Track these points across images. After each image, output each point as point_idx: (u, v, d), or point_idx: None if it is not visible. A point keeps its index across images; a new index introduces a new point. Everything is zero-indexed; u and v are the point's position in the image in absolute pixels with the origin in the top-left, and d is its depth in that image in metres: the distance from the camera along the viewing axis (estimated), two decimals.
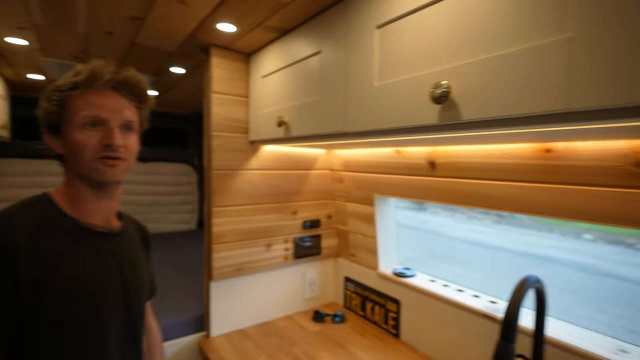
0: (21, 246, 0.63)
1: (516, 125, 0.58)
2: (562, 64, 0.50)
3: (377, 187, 1.46)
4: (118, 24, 1.21)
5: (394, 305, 1.44)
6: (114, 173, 0.72)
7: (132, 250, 0.85)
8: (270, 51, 1.29)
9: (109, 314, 0.74)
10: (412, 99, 0.72)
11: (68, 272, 0.68)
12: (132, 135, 0.76)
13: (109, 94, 0.73)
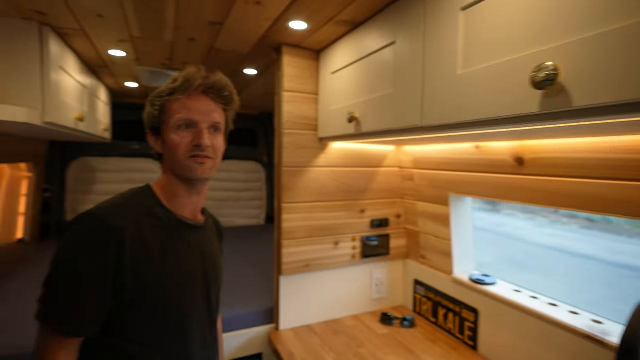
0: (127, 231, 0.69)
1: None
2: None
3: (453, 186, 1.36)
4: (199, 30, 1.29)
5: (472, 314, 1.32)
6: (203, 170, 0.77)
7: (212, 242, 0.91)
8: (341, 46, 1.27)
9: (193, 301, 0.80)
10: (505, 86, 0.63)
11: (163, 258, 0.74)
12: (219, 136, 0.82)
13: (200, 98, 0.78)
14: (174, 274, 0.75)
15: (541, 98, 0.57)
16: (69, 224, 0.69)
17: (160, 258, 0.73)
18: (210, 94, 0.80)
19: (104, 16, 1.19)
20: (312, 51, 1.43)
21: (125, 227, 0.69)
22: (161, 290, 0.73)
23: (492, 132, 0.82)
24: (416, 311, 1.61)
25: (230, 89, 0.84)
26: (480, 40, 0.71)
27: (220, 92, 0.81)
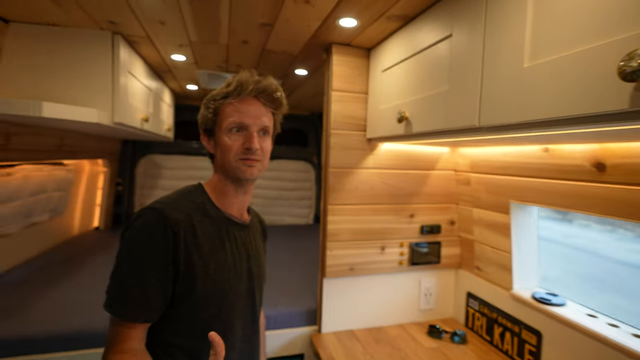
0: (182, 224, 0.73)
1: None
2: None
3: (515, 193, 1.23)
4: (252, 32, 1.32)
5: (533, 337, 1.18)
6: (251, 172, 0.80)
7: (257, 241, 0.92)
8: (392, 43, 1.22)
9: (237, 296, 0.82)
10: (585, 79, 0.54)
11: (211, 253, 0.77)
12: (268, 138, 0.84)
13: (251, 102, 0.81)
14: (221, 268, 0.78)
15: (632, 92, 0.48)
16: (132, 218, 0.73)
17: (209, 253, 0.76)
18: (261, 98, 0.82)
19: (165, 23, 1.26)
20: (363, 49, 1.39)
21: (180, 220, 0.73)
22: (208, 283, 0.75)
23: (565, 134, 0.71)
24: (468, 326, 1.49)
25: (280, 93, 0.85)
26: (553, 27, 0.61)
27: (270, 96, 0.83)
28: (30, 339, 1.22)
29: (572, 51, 0.57)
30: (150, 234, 0.70)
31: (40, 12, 1.17)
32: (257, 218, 1.00)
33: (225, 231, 0.81)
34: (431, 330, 1.43)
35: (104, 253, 2.18)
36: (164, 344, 0.75)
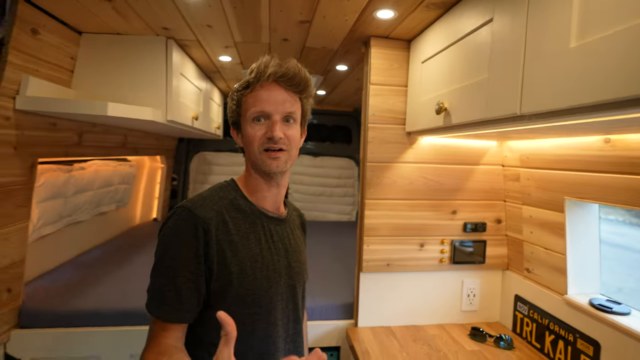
0: (213, 221, 0.71)
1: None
2: None
3: (570, 189, 1.12)
4: (291, 30, 1.36)
5: (590, 347, 1.08)
6: (277, 164, 0.75)
7: (295, 235, 0.88)
8: (432, 32, 1.18)
9: (277, 294, 0.77)
10: (629, 57, 0.49)
11: (246, 249, 0.74)
12: (294, 126, 0.78)
13: (272, 88, 0.76)
14: (257, 265, 0.75)
15: None
16: (166, 217, 0.73)
17: (244, 249, 0.74)
18: (282, 82, 0.76)
19: (212, 26, 1.35)
20: (403, 41, 1.36)
21: (211, 217, 0.71)
22: (245, 280, 0.72)
23: (627, 119, 0.64)
24: (516, 332, 1.40)
25: (303, 75, 0.78)
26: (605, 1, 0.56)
27: (292, 80, 0.76)
28: (99, 313, 1.38)
29: (626, 25, 0.51)
30: (181, 234, 0.69)
31: (107, 23, 1.31)
32: (295, 212, 0.96)
33: (261, 226, 0.78)
34: (474, 332, 1.36)
35: None
36: (207, 344, 0.72)
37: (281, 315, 0.79)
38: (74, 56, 1.38)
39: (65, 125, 1.41)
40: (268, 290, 0.76)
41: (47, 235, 1.68)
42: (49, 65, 1.25)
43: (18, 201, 1.22)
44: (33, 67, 1.17)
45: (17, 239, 1.24)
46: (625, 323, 0.98)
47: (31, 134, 1.22)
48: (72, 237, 1.94)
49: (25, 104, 1.13)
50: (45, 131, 1.30)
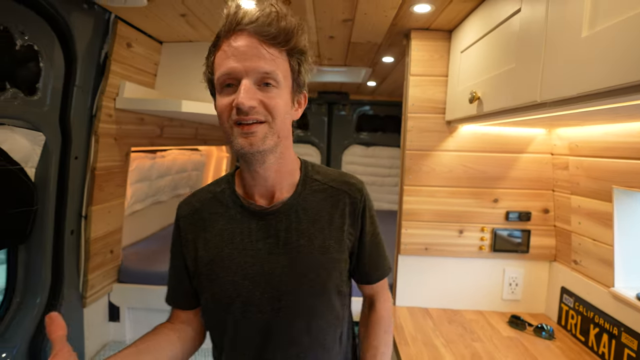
0: (187, 219, 0.70)
1: None
2: None
3: (620, 178, 1.08)
4: (336, 28, 1.47)
5: (634, 341, 1.04)
6: (250, 142, 0.58)
7: (302, 229, 0.68)
8: (469, 23, 1.20)
9: (248, 300, 0.65)
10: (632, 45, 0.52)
11: (217, 248, 0.67)
12: (275, 90, 0.59)
13: (241, 40, 0.57)
14: (224, 266, 0.65)
15: None
16: None
17: (215, 248, 0.66)
18: (255, 31, 0.57)
19: None
20: (444, 31, 1.39)
21: (186, 215, 0.70)
22: (214, 282, 0.65)
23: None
24: (561, 324, 1.37)
25: (288, 20, 0.59)
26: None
27: (268, 27, 0.56)
28: None
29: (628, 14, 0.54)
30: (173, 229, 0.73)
31: (181, 33, 1.56)
32: (335, 193, 0.71)
33: (239, 223, 0.67)
34: (513, 320, 1.37)
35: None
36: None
37: (257, 307, 0.64)
38: (156, 62, 1.66)
39: (150, 120, 1.71)
40: (244, 296, 0.64)
41: (137, 211, 2.05)
42: (138, 71, 1.54)
43: (117, 182, 1.53)
44: (128, 73, 1.45)
45: (117, 211, 1.57)
46: None
47: (126, 128, 1.52)
48: (155, 214, 2.32)
49: (123, 103, 1.41)
50: (135, 125, 1.60)
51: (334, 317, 0.70)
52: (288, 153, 0.68)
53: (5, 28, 0.98)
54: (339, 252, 0.69)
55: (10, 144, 1.09)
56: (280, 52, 0.60)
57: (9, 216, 1.12)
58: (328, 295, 0.67)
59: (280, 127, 0.61)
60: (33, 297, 1.26)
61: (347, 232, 0.70)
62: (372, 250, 0.75)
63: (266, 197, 0.68)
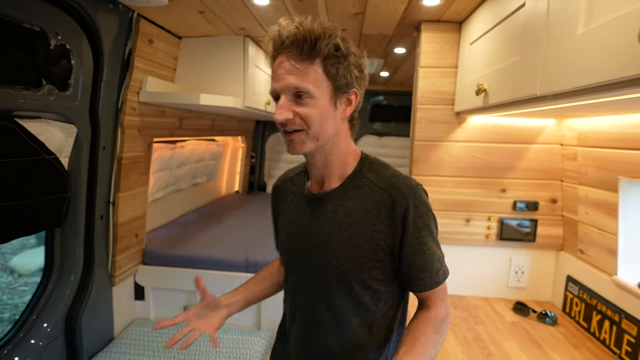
0: (276, 190, 0.90)
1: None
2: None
3: (627, 168, 1.10)
4: (347, 21, 1.50)
5: (634, 327, 1.07)
6: (292, 147, 0.70)
7: (336, 217, 0.75)
8: (479, 15, 1.22)
9: (301, 264, 0.80)
10: (614, 45, 0.55)
11: (287, 215, 0.84)
12: (308, 101, 0.66)
13: (278, 62, 0.67)
14: (285, 234, 0.84)
15: None
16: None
17: (285, 215, 0.84)
18: (286, 53, 0.66)
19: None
20: (454, 23, 1.40)
21: (276, 186, 0.91)
22: (282, 241, 0.86)
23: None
24: (565, 311, 1.40)
25: (304, 34, 0.64)
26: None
27: (295, 47, 0.64)
28: (195, 259, 1.78)
29: (612, 16, 0.57)
30: None
31: (199, 28, 1.63)
32: (381, 190, 0.73)
33: (297, 201, 0.82)
34: (517, 306, 1.41)
35: (241, 209, 2.80)
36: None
37: (303, 286, 0.79)
38: (176, 57, 1.74)
39: (170, 113, 1.80)
40: (289, 259, 0.84)
41: (159, 199, 2.16)
42: (159, 65, 1.62)
43: (141, 170, 1.63)
44: (150, 68, 1.54)
45: (141, 198, 1.68)
46: None
47: (148, 120, 1.62)
48: (175, 201, 2.44)
49: (145, 97, 1.50)
50: (157, 117, 1.69)
51: (358, 306, 0.75)
52: (338, 149, 0.74)
53: (41, 29, 1.07)
54: (367, 250, 0.72)
55: (46, 136, 1.19)
56: (312, 63, 0.65)
57: (46, 202, 1.23)
58: (349, 284, 0.73)
59: (319, 132, 0.69)
60: (68, 275, 1.39)
61: (379, 232, 0.71)
62: (413, 259, 0.72)
63: (318, 184, 0.79)
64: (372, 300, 0.75)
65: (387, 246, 0.72)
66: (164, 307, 1.79)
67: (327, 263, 0.74)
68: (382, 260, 0.72)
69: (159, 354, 1.49)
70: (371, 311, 0.75)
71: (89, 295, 1.43)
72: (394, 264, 0.74)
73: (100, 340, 1.53)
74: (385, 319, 0.78)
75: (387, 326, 0.78)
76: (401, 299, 0.80)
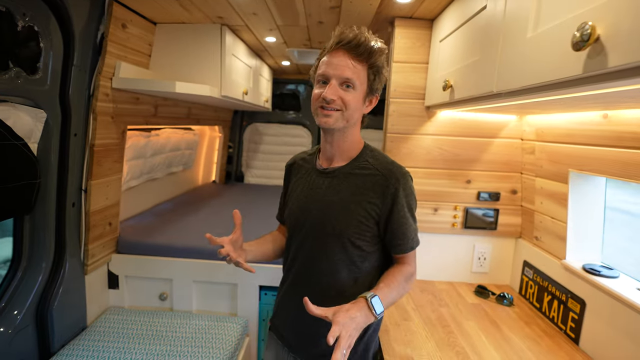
0: (291, 166, 1.08)
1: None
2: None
3: (575, 162, 1.20)
4: (324, 14, 1.53)
5: (577, 305, 1.19)
6: (326, 121, 0.87)
7: (340, 188, 0.93)
8: (449, 13, 1.28)
9: (301, 224, 0.98)
10: (554, 49, 0.62)
11: (298, 186, 1.02)
12: (351, 92, 0.86)
13: (337, 55, 0.85)
14: (295, 200, 1.01)
15: (585, 59, 0.55)
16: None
17: (296, 186, 1.03)
18: (346, 49, 0.84)
19: (257, 13, 1.57)
20: (426, 20, 1.46)
21: (291, 163, 1.10)
22: (291, 205, 1.03)
23: (622, 97, 0.74)
24: (521, 294, 1.52)
25: (368, 44, 0.84)
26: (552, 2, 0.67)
27: (356, 48, 0.83)
28: (171, 247, 1.78)
29: (549, 25, 0.64)
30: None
31: (175, 15, 1.61)
32: (378, 172, 0.92)
33: (308, 176, 1.01)
34: (478, 289, 1.51)
35: (218, 199, 2.80)
36: None
37: (306, 240, 0.97)
38: (150, 43, 1.71)
39: (145, 100, 1.77)
40: (297, 219, 0.99)
41: (133, 187, 2.13)
42: (133, 51, 1.59)
43: (115, 158, 1.61)
44: (123, 54, 1.51)
45: (114, 186, 1.66)
46: (608, 285, 1.08)
47: (122, 107, 1.59)
48: (150, 190, 2.41)
49: (119, 83, 1.48)
50: (131, 104, 1.67)
51: (349, 261, 0.93)
52: (351, 135, 0.94)
53: (7, 9, 1.04)
54: (360, 215, 0.91)
55: (14, 120, 1.16)
56: (363, 65, 0.86)
57: (14, 188, 1.20)
58: (342, 240, 0.92)
59: (350, 115, 0.88)
60: (38, 262, 1.37)
61: (372, 204, 0.91)
62: (397, 228, 0.92)
63: (327, 161, 0.98)
64: (359, 258, 0.93)
65: (377, 216, 0.91)
66: (138, 296, 1.79)
67: (328, 222, 0.93)
68: (370, 226, 0.91)
69: (133, 341, 1.50)
70: (358, 266, 0.94)
71: (60, 284, 1.41)
72: (379, 230, 0.93)
73: (73, 328, 1.52)
74: (368, 277, 0.96)
75: (369, 282, 0.95)
76: (382, 265, 0.99)
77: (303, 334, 0.99)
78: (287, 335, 1.03)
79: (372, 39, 0.86)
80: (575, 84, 0.60)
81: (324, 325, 0.75)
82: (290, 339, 1.02)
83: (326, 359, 0.75)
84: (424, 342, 1.15)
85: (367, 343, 0.99)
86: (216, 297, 1.79)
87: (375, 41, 0.86)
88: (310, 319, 0.78)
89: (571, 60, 0.58)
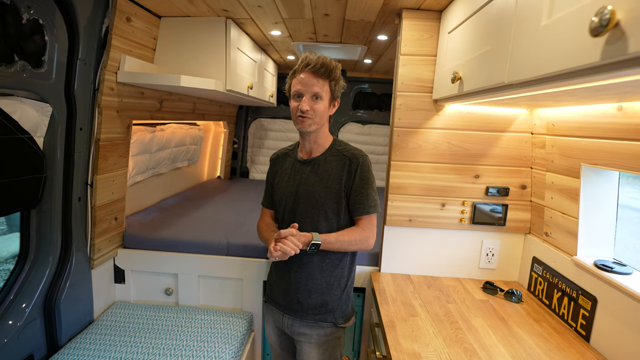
0: (274, 160, 1.37)
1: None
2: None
3: (587, 155, 1.17)
4: (330, 6, 1.51)
5: (588, 302, 1.17)
6: (302, 126, 1.18)
7: (319, 172, 1.23)
8: (458, 3, 1.25)
9: (287, 202, 1.26)
10: (570, 36, 0.59)
11: (282, 175, 1.30)
12: (320, 102, 1.16)
13: (307, 75, 1.15)
14: (281, 185, 1.30)
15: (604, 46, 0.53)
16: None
17: (281, 175, 1.31)
18: (314, 71, 1.14)
19: (262, 6, 1.55)
20: (434, 11, 1.43)
21: (273, 159, 1.38)
22: (278, 191, 1.31)
23: (593, 86, 0.72)
24: (530, 290, 1.50)
25: (328, 64, 1.15)
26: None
27: (319, 70, 1.14)
28: (176, 242, 1.78)
29: (566, 11, 0.61)
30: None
31: (179, 8, 1.59)
32: (343, 156, 1.23)
33: (291, 165, 1.29)
34: (486, 286, 1.49)
35: (223, 195, 2.79)
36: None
37: (288, 215, 1.26)
38: (155, 36, 1.70)
39: (150, 94, 1.77)
40: (287, 198, 1.26)
41: (138, 182, 2.13)
42: (138, 45, 1.58)
43: (120, 152, 1.61)
44: (128, 48, 1.50)
45: (120, 181, 1.66)
46: (621, 281, 1.06)
47: (127, 101, 1.59)
48: (156, 185, 2.41)
49: (124, 77, 1.47)
50: (136, 99, 1.66)
51: (328, 223, 1.22)
52: (323, 132, 1.24)
53: (12, 2, 1.03)
54: (337, 190, 1.21)
55: (20, 114, 1.16)
56: (325, 80, 1.16)
57: (21, 182, 1.20)
58: (324, 210, 1.21)
59: (320, 120, 1.19)
60: (45, 256, 1.37)
61: (344, 180, 1.21)
62: (356, 195, 1.21)
63: (307, 154, 1.27)
64: (336, 222, 1.23)
65: (346, 189, 1.22)
66: (144, 290, 1.80)
67: (312, 197, 1.22)
68: (342, 197, 1.22)
69: (139, 335, 1.51)
70: (335, 227, 1.23)
71: (67, 278, 1.42)
72: (348, 200, 1.22)
73: (80, 322, 1.53)
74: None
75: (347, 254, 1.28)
76: (351, 224, 1.26)
77: (289, 291, 1.26)
78: (277, 299, 1.31)
79: (328, 60, 1.15)
80: (592, 72, 0.57)
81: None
82: (280, 301, 1.30)
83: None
84: (432, 338, 1.14)
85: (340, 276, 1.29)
86: (221, 292, 1.79)
87: (330, 61, 1.15)
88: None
89: (588, 47, 0.55)
